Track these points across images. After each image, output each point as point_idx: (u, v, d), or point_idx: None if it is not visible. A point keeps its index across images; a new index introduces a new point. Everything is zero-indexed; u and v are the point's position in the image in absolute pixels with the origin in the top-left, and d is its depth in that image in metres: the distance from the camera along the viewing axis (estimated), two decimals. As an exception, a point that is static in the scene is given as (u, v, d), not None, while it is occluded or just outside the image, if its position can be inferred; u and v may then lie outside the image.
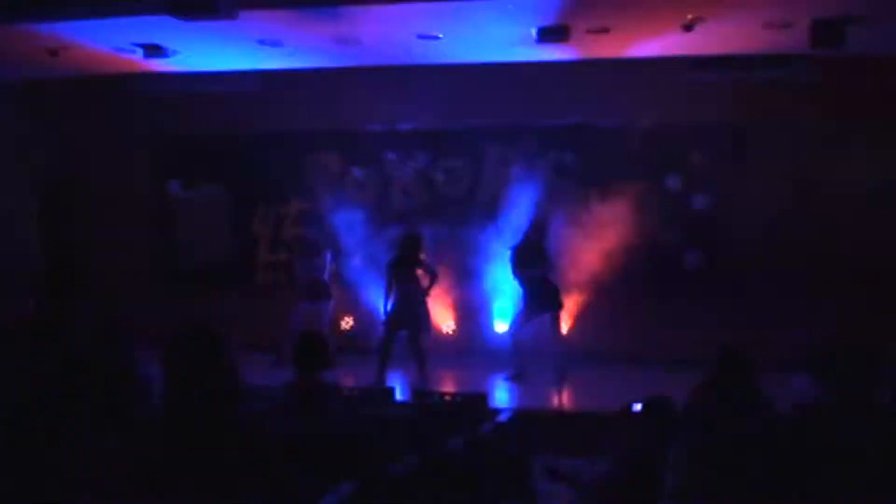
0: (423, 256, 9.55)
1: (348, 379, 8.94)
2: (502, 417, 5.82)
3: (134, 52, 9.15)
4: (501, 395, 8.90)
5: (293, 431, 3.66)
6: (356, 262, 11.21)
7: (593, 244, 11.11)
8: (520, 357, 9.75)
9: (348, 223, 11.60)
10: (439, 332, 11.27)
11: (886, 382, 4.60)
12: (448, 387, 9.59)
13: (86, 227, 12.20)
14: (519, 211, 11.06)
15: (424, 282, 9.42)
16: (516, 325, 9.92)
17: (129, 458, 2.51)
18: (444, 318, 11.33)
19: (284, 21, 8.24)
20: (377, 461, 3.82)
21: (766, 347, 9.78)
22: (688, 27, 7.90)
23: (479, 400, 5.90)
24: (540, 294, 9.62)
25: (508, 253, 9.85)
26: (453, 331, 11.34)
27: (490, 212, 11.27)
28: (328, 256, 10.54)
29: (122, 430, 2.72)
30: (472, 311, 11.35)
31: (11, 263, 11.37)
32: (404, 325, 9.30)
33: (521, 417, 6.49)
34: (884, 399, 4.63)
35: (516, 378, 9.60)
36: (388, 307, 9.38)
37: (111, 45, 8.98)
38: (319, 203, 11.70)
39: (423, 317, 9.37)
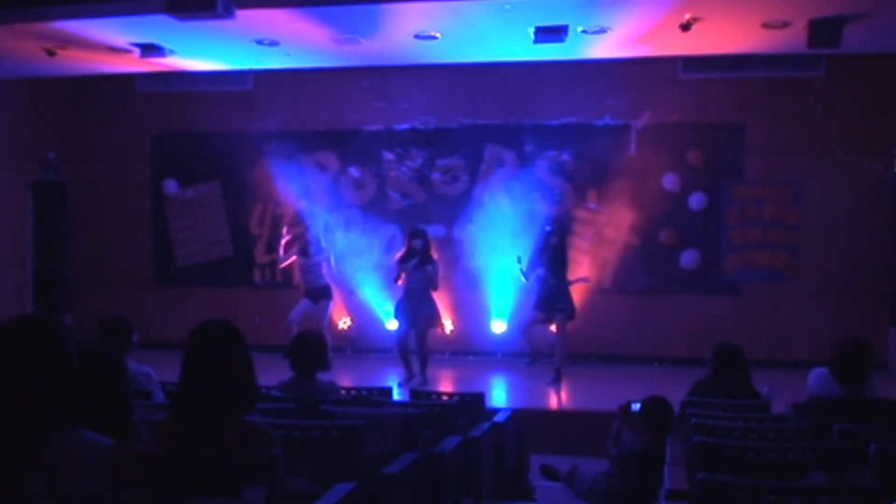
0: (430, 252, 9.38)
1: (346, 378, 8.95)
2: (500, 417, 5.80)
3: (131, 51, 9.13)
4: (499, 395, 8.90)
5: (291, 432, 3.65)
6: (354, 261, 11.19)
7: (591, 244, 11.12)
8: (532, 346, 9.72)
9: (345, 222, 11.61)
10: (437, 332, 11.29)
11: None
12: (446, 386, 9.59)
13: (83, 226, 12.19)
14: (517, 211, 11.06)
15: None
16: (524, 323, 9.84)
17: (128, 456, 2.50)
18: (442, 317, 11.32)
19: (282, 20, 8.23)
20: (375, 461, 3.82)
21: (763, 347, 9.86)
22: (685, 27, 7.89)
23: (477, 400, 5.89)
24: (549, 297, 9.38)
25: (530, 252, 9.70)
26: (451, 331, 11.33)
27: (487, 211, 11.27)
28: (328, 256, 10.44)
29: (119, 430, 2.71)
30: (469, 311, 11.35)
31: (9, 263, 11.35)
32: (414, 321, 9.20)
33: (519, 417, 6.48)
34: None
35: (531, 363, 9.66)
36: (398, 303, 9.33)
37: (108, 44, 8.95)
38: (316, 203, 11.71)
39: (433, 313, 9.25)
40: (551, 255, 9.37)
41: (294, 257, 10.56)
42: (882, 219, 10.51)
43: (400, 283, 9.26)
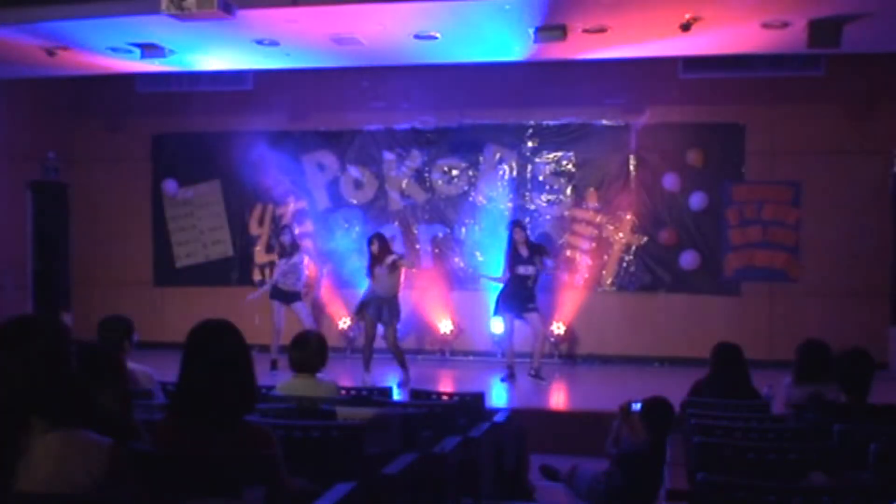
0: (391, 253, 9.52)
1: (346, 378, 8.96)
2: (499, 417, 5.80)
3: (131, 51, 9.13)
4: (499, 395, 8.90)
5: (291, 432, 3.65)
6: (353, 262, 11.19)
7: (592, 244, 11.13)
8: (508, 355, 9.68)
9: (345, 223, 11.62)
10: (436, 331, 11.30)
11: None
12: (446, 386, 9.59)
13: (83, 226, 12.19)
14: (516, 211, 11.09)
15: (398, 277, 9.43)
16: (504, 325, 9.86)
17: (127, 456, 2.50)
18: (441, 317, 11.34)
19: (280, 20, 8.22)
20: (375, 461, 3.81)
21: (763, 347, 9.85)
22: (685, 27, 7.88)
23: (477, 399, 5.88)
24: (511, 294, 9.40)
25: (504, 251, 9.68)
26: (451, 330, 11.33)
27: (487, 211, 11.28)
28: (303, 258, 10.37)
29: (119, 430, 2.71)
30: (469, 311, 11.35)
31: (9, 263, 11.34)
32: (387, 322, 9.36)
33: (519, 417, 6.48)
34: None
35: (509, 377, 9.53)
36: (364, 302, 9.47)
37: (108, 44, 8.95)
38: (316, 203, 11.72)
39: (394, 313, 9.37)
40: (530, 252, 9.35)
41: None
42: (882, 219, 10.51)
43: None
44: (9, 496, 2.29)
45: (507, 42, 8.85)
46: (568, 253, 11.10)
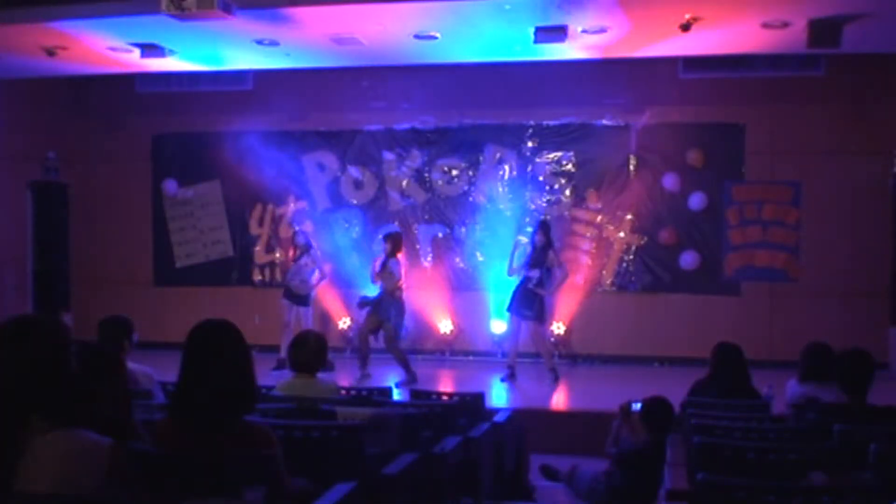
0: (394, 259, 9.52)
1: (346, 378, 8.96)
2: (500, 417, 5.80)
3: (131, 51, 9.13)
4: (499, 395, 8.90)
5: (291, 432, 3.65)
6: (353, 262, 11.19)
7: (592, 244, 11.13)
8: (510, 355, 9.70)
9: (345, 223, 11.61)
10: (436, 331, 11.30)
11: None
12: (446, 386, 9.59)
13: (83, 226, 12.19)
14: (515, 211, 11.09)
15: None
16: (509, 326, 9.88)
17: (126, 455, 2.50)
18: (441, 317, 11.34)
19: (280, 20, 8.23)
20: (375, 461, 3.82)
21: (763, 347, 9.84)
22: (685, 27, 7.88)
23: (477, 399, 5.88)
24: (514, 295, 9.38)
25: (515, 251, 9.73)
26: (451, 330, 11.33)
27: (487, 212, 11.28)
28: (309, 259, 10.33)
29: (119, 430, 2.71)
30: (469, 311, 11.35)
31: (9, 263, 11.34)
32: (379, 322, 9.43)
33: (519, 417, 6.48)
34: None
35: (509, 377, 9.53)
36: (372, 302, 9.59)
37: (108, 44, 8.95)
38: (316, 203, 11.72)
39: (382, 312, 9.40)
40: (534, 258, 9.38)
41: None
42: (882, 219, 10.50)
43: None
44: (9, 496, 2.29)
45: (507, 42, 8.84)
46: (568, 253, 11.08)
